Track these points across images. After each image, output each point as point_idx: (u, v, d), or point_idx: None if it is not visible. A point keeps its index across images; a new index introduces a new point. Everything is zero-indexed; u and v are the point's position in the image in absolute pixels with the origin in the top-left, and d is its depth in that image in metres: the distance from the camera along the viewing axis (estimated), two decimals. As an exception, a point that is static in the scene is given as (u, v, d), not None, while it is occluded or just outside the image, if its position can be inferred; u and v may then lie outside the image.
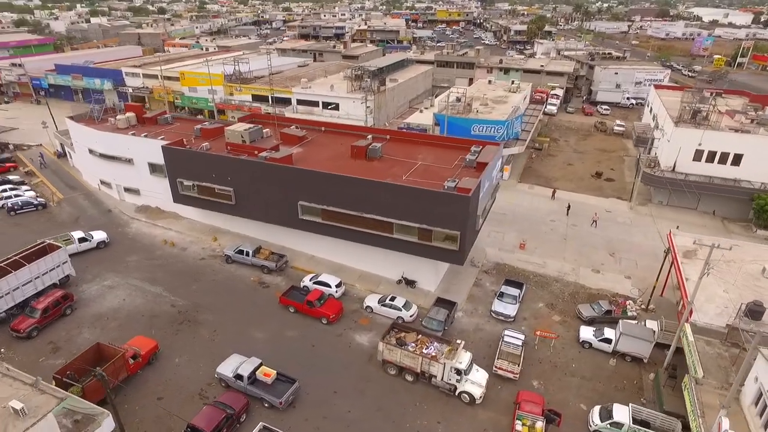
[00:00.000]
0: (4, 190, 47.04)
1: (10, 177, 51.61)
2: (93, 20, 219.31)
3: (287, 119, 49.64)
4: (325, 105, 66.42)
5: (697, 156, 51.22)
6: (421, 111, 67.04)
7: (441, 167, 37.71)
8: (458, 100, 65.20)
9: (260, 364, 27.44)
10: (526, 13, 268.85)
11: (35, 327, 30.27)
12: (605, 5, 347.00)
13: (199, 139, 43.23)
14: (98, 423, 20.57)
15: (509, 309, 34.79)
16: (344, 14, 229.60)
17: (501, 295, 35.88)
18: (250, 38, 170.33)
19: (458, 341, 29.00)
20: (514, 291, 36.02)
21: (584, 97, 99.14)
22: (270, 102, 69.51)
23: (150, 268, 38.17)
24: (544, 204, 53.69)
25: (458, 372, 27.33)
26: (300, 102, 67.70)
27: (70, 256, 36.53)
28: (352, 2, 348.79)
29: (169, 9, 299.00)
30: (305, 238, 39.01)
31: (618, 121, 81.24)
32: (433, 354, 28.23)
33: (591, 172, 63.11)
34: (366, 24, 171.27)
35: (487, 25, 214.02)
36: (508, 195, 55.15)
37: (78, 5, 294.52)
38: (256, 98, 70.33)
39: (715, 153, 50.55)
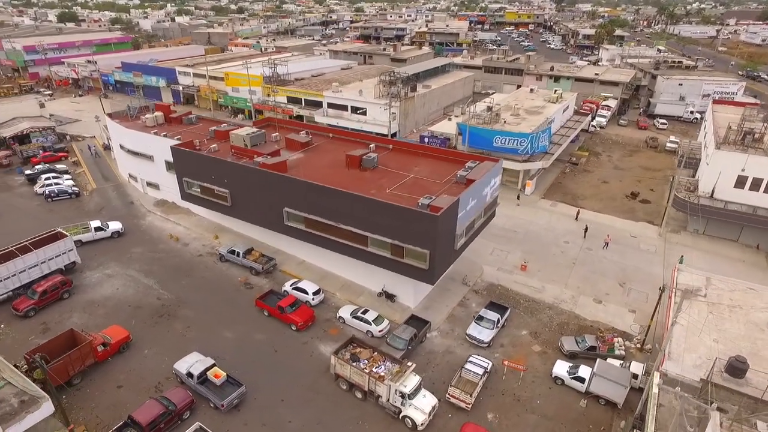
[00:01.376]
0: (48, 178, 52.11)
1: (58, 166, 57.04)
2: (177, 19, 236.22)
3: (300, 124, 50.70)
4: (354, 110, 67.05)
5: (740, 183, 46.17)
6: (449, 119, 65.78)
7: (432, 181, 36.93)
8: (489, 109, 63.49)
9: (213, 365, 28.45)
10: (606, 15, 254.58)
11: (33, 308, 33.41)
12: (700, 6, 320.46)
13: (211, 140, 45.33)
14: (38, 405, 22.35)
15: (484, 334, 33.42)
16: (410, 15, 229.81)
17: (479, 318, 34.53)
18: (313, 38, 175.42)
19: (409, 363, 28.36)
20: (494, 315, 34.50)
21: (642, 110, 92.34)
22: (302, 104, 71.35)
23: (149, 260, 40.73)
24: (562, 223, 50.86)
25: (402, 395, 26.76)
26: (330, 105, 68.84)
27: (86, 243, 39.83)
28: (426, 2, 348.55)
29: (250, 9, 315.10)
30: (297, 243, 39.70)
31: (672, 137, 74.90)
32: (381, 374, 27.81)
33: (626, 192, 58.83)
34: (427, 26, 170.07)
35: (557, 29, 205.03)
36: (526, 211, 52.92)
37: (168, 5, 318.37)
38: (291, 100, 72.43)
39: (761, 181, 45.36)
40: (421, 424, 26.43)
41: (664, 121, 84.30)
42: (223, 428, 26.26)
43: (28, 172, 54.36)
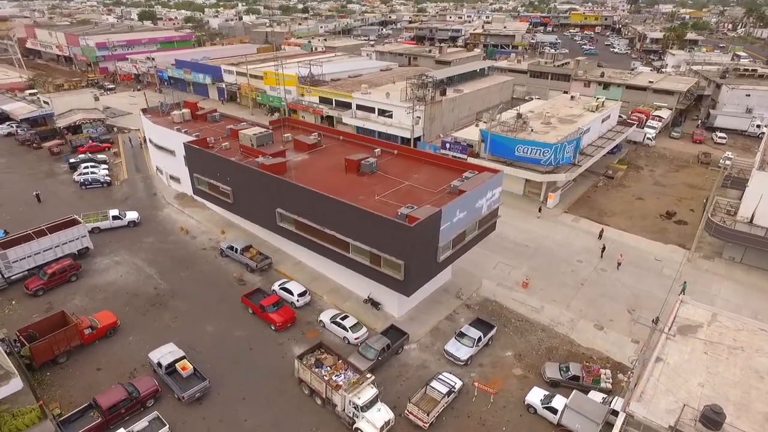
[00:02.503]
0: (86, 167, 56.22)
1: (99, 156, 61.39)
2: (244, 18, 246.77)
3: (314, 126, 51.29)
4: (381, 112, 66.94)
5: (784, 209, 41.57)
6: (476, 125, 63.99)
7: (426, 190, 36.15)
8: (518, 116, 61.25)
9: (182, 357, 29.46)
10: (687, 16, 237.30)
11: (42, 288, 36.19)
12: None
13: (226, 138, 46.91)
14: (7, 381, 24.19)
15: (462, 351, 32.26)
16: (470, 16, 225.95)
17: (461, 335, 33.36)
18: (368, 38, 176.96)
19: (368, 375, 27.92)
20: (476, 333, 33.18)
21: (700, 121, 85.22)
22: (333, 105, 72.21)
23: (157, 250, 42.87)
24: (579, 240, 48.08)
25: (356, 407, 26.42)
26: (359, 107, 69.15)
27: (104, 230, 42.68)
28: (493, 3, 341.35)
29: (316, 8, 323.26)
30: (293, 244, 40.20)
31: (728, 153, 68.45)
32: (339, 383, 27.59)
33: (662, 211, 54.61)
34: (483, 27, 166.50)
35: (625, 31, 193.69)
36: (544, 225, 50.55)
37: (240, 4, 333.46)
38: (323, 101, 73.51)
39: (808, 208, 40.60)
40: (371, 438, 25.98)
41: (724, 135, 77.31)
42: (181, 420, 27.16)
43: (72, 160, 58.96)
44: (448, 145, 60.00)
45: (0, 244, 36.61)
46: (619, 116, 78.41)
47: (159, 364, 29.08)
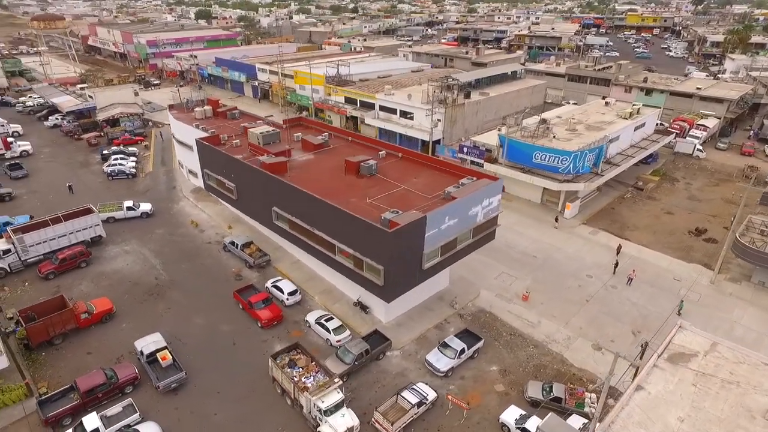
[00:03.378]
0: (116, 159, 59.25)
1: (130, 149, 64.55)
2: (294, 17, 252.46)
3: (327, 126, 51.55)
4: (403, 114, 66.48)
5: (821, 232, 37.82)
6: (499, 129, 62.24)
7: (420, 195, 35.53)
8: (543, 121, 59.18)
9: (164, 347, 30.40)
10: (762, 17, 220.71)
11: (53, 272, 38.46)
12: None
13: (240, 136, 48.04)
14: (-10, 357, 25.84)
15: (442, 362, 31.46)
16: (519, 17, 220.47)
17: (444, 345, 32.53)
18: (411, 39, 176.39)
19: (336, 380, 27.73)
20: (459, 344, 32.24)
21: (753, 132, 79.03)
22: (357, 106, 72.43)
23: (165, 242, 44.52)
24: (593, 254, 45.80)
25: (319, 410, 26.32)
26: (382, 108, 68.99)
27: (118, 220, 44.90)
28: (549, 3, 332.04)
29: (366, 8, 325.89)
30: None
31: (777, 168, 63.26)
32: (307, 384, 27.59)
33: (691, 228, 51.12)
34: (529, 29, 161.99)
35: (685, 34, 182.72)
36: (558, 236, 48.52)
37: (292, 3, 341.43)
38: (348, 101, 73.89)
39: None
40: (332, 444, 25.80)
41: (777, 147, 71.39)
42: (155, 408, 28.04)
43: (105, 152, 62.30)
44: (465, 150, 58.82)
45: (19, 229, 39.11)
46: (660, 124, 74.23)
47: (141, 353, 30.16)
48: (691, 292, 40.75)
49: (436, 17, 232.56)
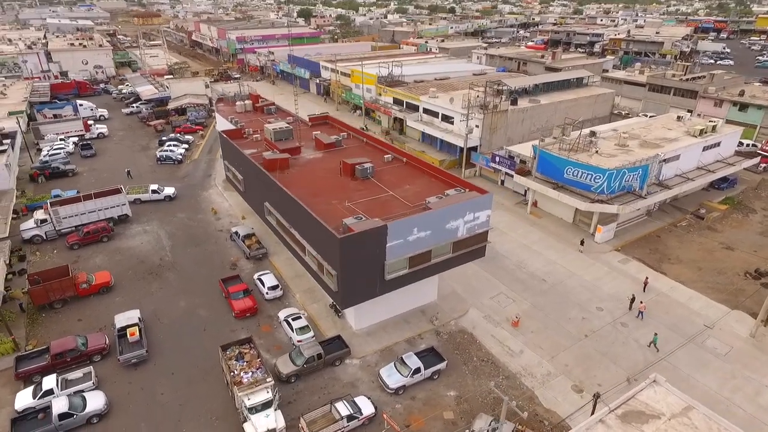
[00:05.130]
0: (169, 145, 64.44)
1: (187, 137, 69.81)
2: (389, 17, 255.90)
3: (349, 127, 51.56)
4: (445, 118, 64.56)
5: None
6: (542, 139, 57.99)
7: (404, 202, 34.32)
8: (592, 134, 54.38)
9: (134, 324, 32.52)
10: None
11: (77, 243, 42.88)
12: None
13: (261, 132, 49.86)
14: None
15: (393, 379, 30.15)
16: (625, 19, 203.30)
17: (401, 361, 31.14)
18: (500, 40, 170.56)
19: (269, 380, 27.73)
20: (416, 362, 30.64)
21: None
22: (404, 107, 71.65)
23: (181, 225, 47.54)
24: (612, 285, 41.14)
25: (245, 407, 26.55)
26: (425, 111, 67.58)
27: (144, 202, 48.92)
28: (674, 4, 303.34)
29: (467, 8, 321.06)
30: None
31: None
32: (241, 379, 27.94)
33: (750, 268, 43.92)
34: (629, 33, 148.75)
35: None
36: (578, 261, 44.40)
37: (392, 3, 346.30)
38: (396, 101, 73.34)
39: None
40: (251, 442, 25.92)
41: None
42: (112, 380, 30.14)
43: (163, 138, 68.05)
44: (498, 159, 55.72)
45: (56, 202, 44.13)
46: (751, 145, 64.60)
47: (114, 326, 32.58)
48: (721, 343, 35.00)
49: (532, 18, 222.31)
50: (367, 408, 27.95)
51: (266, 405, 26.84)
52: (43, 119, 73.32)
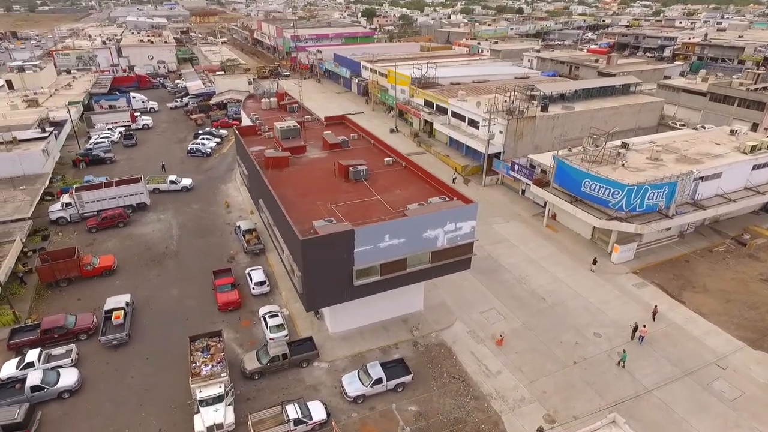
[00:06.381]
0: (202, 139, 67.34)
1: (221, 131, 72.57)
2: (453, 17, 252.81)
3: (362, 129, 51.25)
4: (471, 122, 62.64)
5: None
6: (569, 149, 54.68)
7: (387, 208, 33.61)
8: (624, 146, 50.83)
9: (121, 308, 34.15)
10: None
11: (95, 227, 45.84)
12: None
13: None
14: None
15: (353, 387, 29.60)
16: (707, 21, 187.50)
17: (365, 370, 30.48)
18: (563, 43, 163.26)
19: (224, 375, 28.08)
20: (378, 372, 29.88)
21: None
22: (434, 109, 70.35)
23: (193, 216, 49.43)
24: (620, 311, 38.06)
25: (196, 398, 27.11)
26: (454, 114, 65.94)
27: (162, 192, 51.44)
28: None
29: (537, 8, 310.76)
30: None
31: None
32: (198, 371, 28.53)
33: (789, 304, 39.02)
34: (705, 36, 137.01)
35: None
36: (588, 281, 41.67)
37: (458, 4, 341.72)
38: (428, 104, 72.15)
39: None
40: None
41: None
42: (91, 358, 31.85)
43: (198, 132, 71.24)
44: (516, 167, 53.24)
45: (81, 187, 47.41)
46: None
47: (101, 308, 34.44)
48: (731, 386, 31.32)
49: (603, 20, 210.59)
50: (318, 413, 27.61)
51: (217, 399, 27.22)
52: (100, 109, 79.18)
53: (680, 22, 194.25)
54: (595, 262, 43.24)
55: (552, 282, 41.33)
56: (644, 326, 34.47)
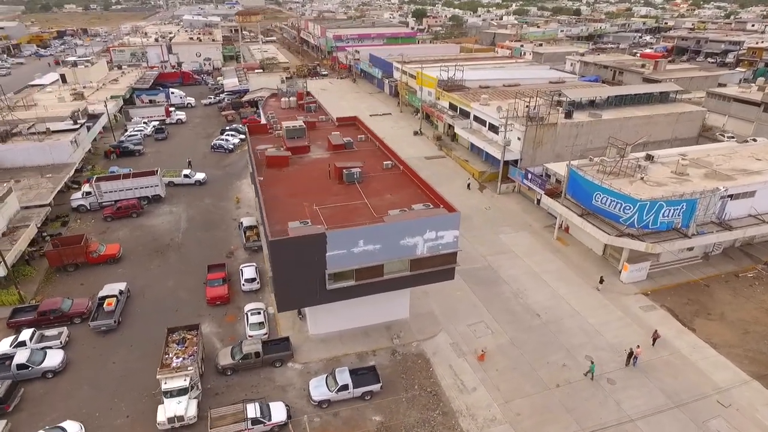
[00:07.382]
0: (227, 135, 69.30)
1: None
2: (505, 18, 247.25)
3: (368, 131, 50.88)
4: (491, 127, 60.79)
5: None
6: (590, 159, 51.88)
7: (372, 213, 33.20)
8: (649, 157, 47.91)
9: (114, 295, 35.62)
10: None
11: (111, 216, 48.18)
12: None
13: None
14: (-6, 268, 34.45)
15: (318, 391, 29.39)
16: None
17: (333, 375, 30.18)
18: (617, 46, 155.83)
19: (190, 368, 28.61)
20: (345, 380, 29.49)
21: None
22: (457, 112, 68.91)
23: (203, 210, 50.88)
24: (620, 334, 35.72)
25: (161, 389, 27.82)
26: (476, 119, 64.25)
27: (177, 185, 53.39)
28: None
29: (598, 9, 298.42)
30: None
31: None
32: (169, 362, 29.23)
33: (819, 339, 35.24)
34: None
35: None
36: (590, 300, 39.53)
37: (513, 5, 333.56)
38: (452, 107, 70.74)
39: None
40: (158, 423, 27.04)
41: None
42: (80, 342, 33.43)
43: (225, 128, 73.37)
44: (530, 176, 51.14)
45: (101, 178, 50.00)
46: None
47: (96, 295, 36.09)
48: (730, 427, 28.66)
49: (665, 23, 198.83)
50: (278, 415, 27.62)
51: (182, 392, 27.77)
52: (140, 103, 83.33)
53: (753, 25, 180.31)
54: (602, 281, 40.71)
55: (551, 298, 39.35)
56: (638, 346, 32.11)
